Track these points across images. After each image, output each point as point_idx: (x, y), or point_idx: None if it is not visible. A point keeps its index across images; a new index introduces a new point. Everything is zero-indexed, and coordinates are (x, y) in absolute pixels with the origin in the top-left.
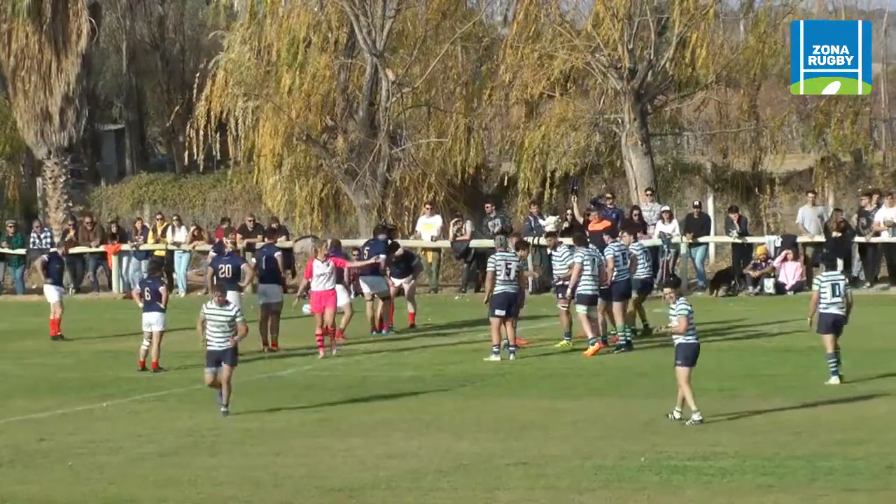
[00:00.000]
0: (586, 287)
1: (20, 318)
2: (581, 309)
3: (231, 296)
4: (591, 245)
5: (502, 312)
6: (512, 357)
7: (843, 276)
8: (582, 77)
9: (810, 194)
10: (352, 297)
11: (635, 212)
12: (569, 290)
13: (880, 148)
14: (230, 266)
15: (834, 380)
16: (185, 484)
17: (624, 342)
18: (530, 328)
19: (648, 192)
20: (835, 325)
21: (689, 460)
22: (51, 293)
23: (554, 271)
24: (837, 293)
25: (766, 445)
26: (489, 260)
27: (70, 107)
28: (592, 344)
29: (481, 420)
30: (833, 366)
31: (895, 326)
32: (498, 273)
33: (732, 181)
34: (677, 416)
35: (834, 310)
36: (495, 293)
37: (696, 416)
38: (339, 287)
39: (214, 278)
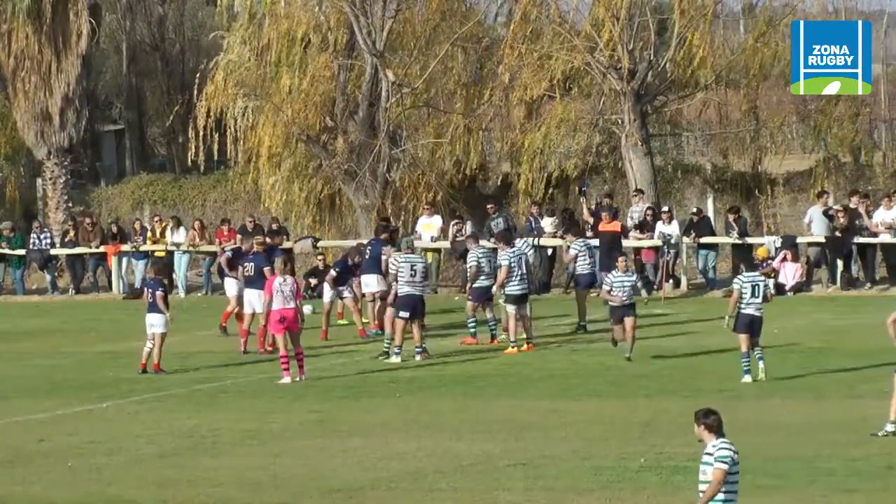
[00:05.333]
0: (514, 287)
1: (20, 318)
2: (511, 309)
3: (258, 294)
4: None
5: (406, 314)
6: (418, 358)
7: (763, 277)
8: (582, 78)
9: (822, 195)
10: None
11: (648, 212)
12: (495, 288)
13: (880, 148)
14: (253, 265)
15: (746, 378)
16: (184, 485)
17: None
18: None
19: (636, 193)
20: (751, 324)
21: (689, 461)
22: (230, 287)
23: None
24: (756, 294)
25: (766, 446)
26: (391, 262)
27: (70, 107)
28: (513, 346)
29: (481, 420)
30: (746, 365)
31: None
32: (401, 275)
33: (732, 182)
34: (891, 428)
35: (751, 310)
36: (401, 294)
37: (889, 427)
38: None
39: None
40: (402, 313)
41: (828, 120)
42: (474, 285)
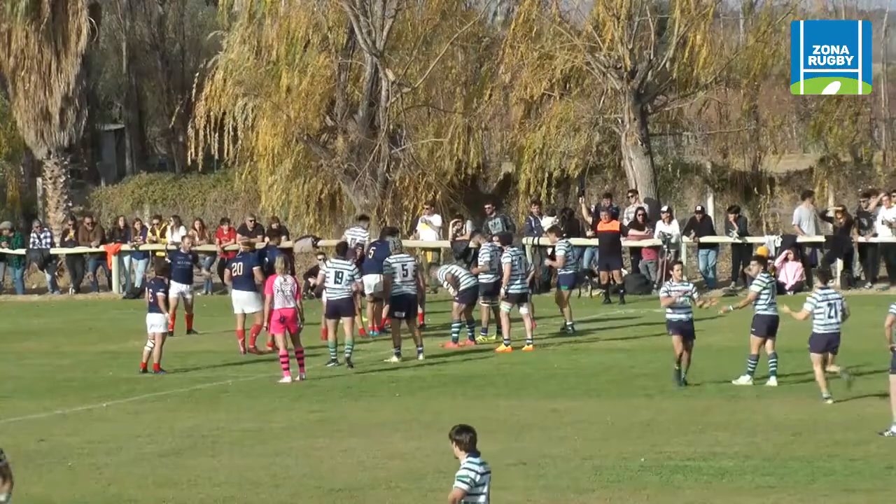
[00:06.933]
0: (514, 286)
1: (20, 318)
2: (505, 307)
3: (247, 295)
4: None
5: (402, 314)
6: (420, 357)
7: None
8: (582, 77)
9: (808, 195)
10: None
11: (640, 212)
12: (502, 290)
13: (880, 147)
14: (242, 265)
15: (745, 379)
16: (184, 484)
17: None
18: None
19: (630, 194)
20: (773, 326)
21: (688, 460)
22: (172, 289)
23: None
24: (774, 294)
25: (766, 446)
26: (385, 262)
27: (70, 107)
28: (507, 344)
29: (481, 420)
30: (751, 367)
31: None
32: (395, 275)
33: (732, 181)
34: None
35: (772, 311)
36: (395, 294)
37: (894, 428)
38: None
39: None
40: (396, 312)
41: (828, 119)
42: (461, 288)
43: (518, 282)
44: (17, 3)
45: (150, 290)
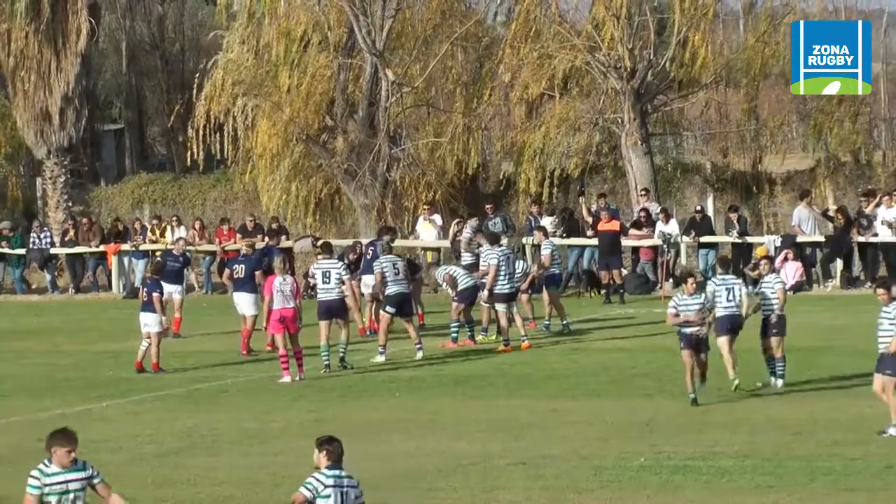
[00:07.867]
0: (503, 286)
1: (20, 317)
2: (500, 307)
3: (247, 297)
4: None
5: (393, 310)
6: (419, 355)
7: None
8: (582, 77)
9: (806, 195)
10: None
11: (642, 213)
12: (485, 290)
13: (880, 147)
14: (244, 266)
15: (778, 382)
16: (183, 484)
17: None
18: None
19: (643, 193)
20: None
21: (688, 460)
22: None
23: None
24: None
25: (766, 445)
26: (375, 263)
27: (69, 107)
28: (506, 344)
29: (480, 420)
30: (781, 369)
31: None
32: (387, 274)
33: (732, 181)
34: (893, 432)
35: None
36: (389, 293)
37: (891, 430)
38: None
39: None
40: (388, 308)
41: (828, 119)
42: (459, 288)
43: (506, 281)
44: (17, 3)
45: (146, 289)
